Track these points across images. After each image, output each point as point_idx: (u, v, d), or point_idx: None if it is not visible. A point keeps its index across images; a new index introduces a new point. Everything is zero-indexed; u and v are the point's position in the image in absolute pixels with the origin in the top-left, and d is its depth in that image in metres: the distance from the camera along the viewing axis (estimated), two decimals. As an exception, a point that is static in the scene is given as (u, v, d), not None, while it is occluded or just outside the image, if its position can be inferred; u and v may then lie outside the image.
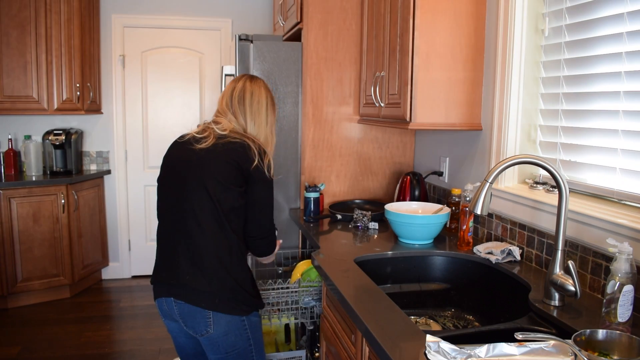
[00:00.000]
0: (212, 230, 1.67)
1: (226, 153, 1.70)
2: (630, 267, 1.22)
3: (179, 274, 1.68)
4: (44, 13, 3.84)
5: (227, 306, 1.67)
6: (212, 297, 1.66)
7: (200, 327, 1.68)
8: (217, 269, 1.67)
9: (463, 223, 1.96)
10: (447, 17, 2.01)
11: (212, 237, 1.67)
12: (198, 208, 1.67)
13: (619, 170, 1.56)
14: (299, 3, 2.71)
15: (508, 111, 1.94)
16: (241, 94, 1.84)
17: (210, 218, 1.67)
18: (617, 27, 1.55)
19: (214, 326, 1.68)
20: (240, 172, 1.70)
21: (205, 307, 1.66)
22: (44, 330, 3.47)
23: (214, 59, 4.56)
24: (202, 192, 1.67)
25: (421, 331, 1.25)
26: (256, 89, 1.87)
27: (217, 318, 1.67)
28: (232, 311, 1.68)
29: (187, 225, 1.68)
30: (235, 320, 1.70)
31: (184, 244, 1.69)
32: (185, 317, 1.69)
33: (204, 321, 1.67)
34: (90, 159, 4.46)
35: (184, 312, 1.68)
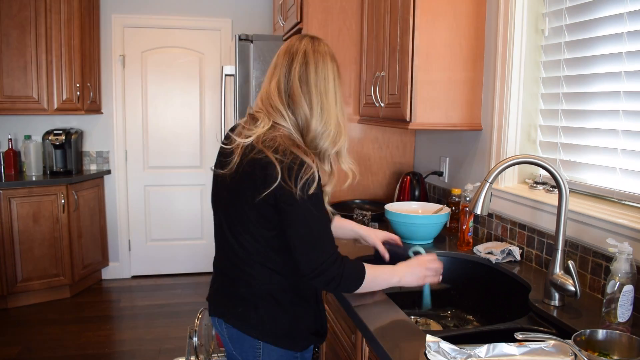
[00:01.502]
0: (256, 269, 1.41)
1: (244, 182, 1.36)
2: (630, 267, 1.22)
3: (231, 304, 1.47)
4: (44, 13, 3.84)
5: (280, 341, 1.43)
6: (265, 330, 1.42)
7: (249, 356, 1.47)
8: (268, 308, 1.42)
9: (463, 223, 1.96)
10: (447, 17, 2.01)
11: (255, 277, 1.41)
12: (239, 248, 1.41)
13: (619, 170, 1.56)
14: (299, 3, 2.71)
15: (508, 111, 1.94)
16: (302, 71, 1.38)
17: (251, 257, 1.40)
18: (617, 27, 1.55)
19: (264, 356, 1.45)
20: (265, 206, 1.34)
21: (254, 336, 1.43)
22: (44, 330, 3.47)
23: (214, 59, 4.56)
24: (237, 231, 1.41)
25: (421, 331, 1.25)
26: (320, 60, 1.40)
27: (267, 349, 1.44)
28: (284, 346, 1.44)
29: (234, 261, 1.44)
30: (287, 354, 1.45)
31: (235, 275, 1.45)
32: (234, 342, 1.49)
33: (253, 351, 1.45)
34: (90, 159, 4.46)
35: (233, 336, 1.48)
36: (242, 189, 1.37)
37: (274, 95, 1.38)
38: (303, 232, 1.32)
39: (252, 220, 1.36)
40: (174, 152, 4.59)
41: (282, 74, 1.39)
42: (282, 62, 1.40)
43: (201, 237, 4.72)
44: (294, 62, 1.39)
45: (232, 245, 1.43)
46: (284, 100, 1.38)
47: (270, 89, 1.40)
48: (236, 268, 1.44)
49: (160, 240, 4.67)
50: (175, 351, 3.14)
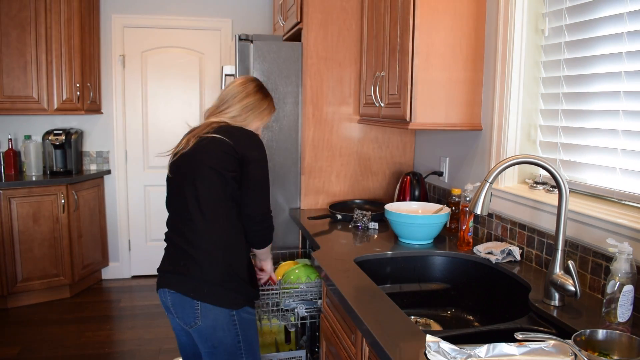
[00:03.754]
0: (212, 216, 1.71)
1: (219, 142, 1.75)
2: (630, 267, 1.22)
3: (176, 262, 1.73)
4: (44, 13, 3.84)
5: (215, 295, 1.67)
6: (201, 285, 1.67)
7: (189, 319, 1.69)
8: (211, 252, 1.69)
9: (463, 223, 1.96)
10: (447, 17, 2.01)
11: (211, 222, 1.71)
12: (200, 195, 1.72)
13: (619, 170, 1.56)
14: (299, 3, 2.71)
15: (508, 111, 1.94)
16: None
17: (210, 204, 1.71)
18: (617, 27, 1.55)
19: (202, 318, 1.67)
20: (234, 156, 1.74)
21: (193, 297, 1.66)
22: (44, 330, 3.47)
23: (214, 59, 4.56)
24: (202, 180, 1.72)
25: (421, 331, 1.25)
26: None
27: (205, 310, 1.67)
28: (220, 302, 1.67)
29: (189, 213, 1.72)
30: (223, 313, 1.69)
31: (185, 231, 1.73)
32: (177, 308, 1.71)
33: (192, 312, 1.67)
34: (90, 159, 4.46)
35: (175, 302, 1.70)
36: (213, 141, 1.83)
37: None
38: (257, 183, 1.79)
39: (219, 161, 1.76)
40: (174, 152, 4.58)
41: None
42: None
43: (201, 237, 4.71)
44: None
45: (200, 187, 1.76)
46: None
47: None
48: (193, 217, 1.75)
49: (160, 240, 4.62)
50: (175, 351, 3.14)
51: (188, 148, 1.78)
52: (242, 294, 1.74)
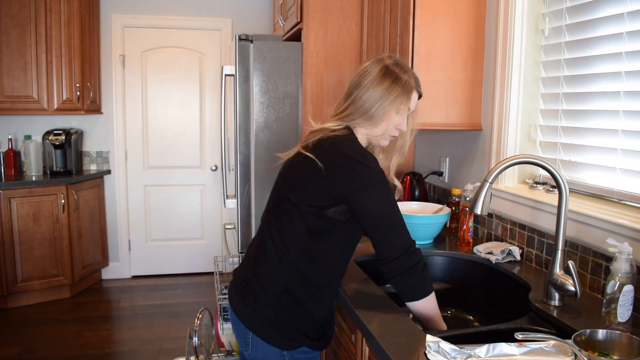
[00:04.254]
0: (282, 252, 1.43)
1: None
2: (630, 267, 1.22)
3: (240, 278, 1.54)
4: (44, 13, 3.84)
5: (266, 333, 1.45)
6: (253, 318, 1.46)
7: (242, 343, 1.52)
8: (267, 289, 1.44)
9: (463, 223, 1.96)
10: (447, 17, 2.01)
11: (278, 258, 1.44)
12: (273, 226, 1.46)
13: (619, 170, 1.56)
14: (299, 3, 2.71)
15: (508, 111, 1.94)
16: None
17: (284, 239, 1.43)
18: (617, 27, 1.55)
19: (252, 348, 1.48)
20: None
21: (246, 326, 1.47)
22: (44, 330, 3.47)
23: (214, 59, 4.56)
24: (280, 209, 1.45)
25: (421, 331, 1.25)
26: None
27: (255, 342, 1.47)
28: (270, 340, 1.45)
29: (264, 238, 1.49)
30: (274, 350, 1.46)
31: (257, 254, 1.51)
32: (235, 326, 1.54)
33: (245, 339, 1.49)
34: (90, 159, 4.46)
35: (233, 320, 1.53)
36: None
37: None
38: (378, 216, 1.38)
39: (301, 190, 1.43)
40: (174, 152, 4.59)
41: None
42: None
43: (201, 237, 4.72)
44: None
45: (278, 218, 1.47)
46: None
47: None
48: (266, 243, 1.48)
49: (160, 240, 4.67)
50: (175, 351, 3.14)
51: (288, 159, 1.49)
52: (296, 341, 1.46)
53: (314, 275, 1.44)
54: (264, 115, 2.72)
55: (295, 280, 1.43)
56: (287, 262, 1.42)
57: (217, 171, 4.67)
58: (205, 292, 4.25)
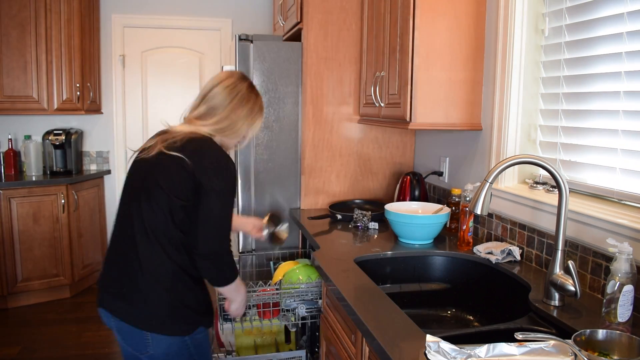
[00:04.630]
0: (156, 241, 1.54)
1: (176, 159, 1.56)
2: (630, 267, 1.22)
3: (118, 284, 1.59)
4: (44, 13, 3.84)
5: (165, 326, 1.55)
6: (149, 318, 1.54)
7: (140, 347, 1.57)
8: (155, 283, 1.53)
9: (463, 223, 1.96)
10: (447, 17, 2.01)
11: (155, 249, 1.54)
12: (145, 217, 1.55)
13: (619, 170, 1.56)
14: (299, 3, 2.71)
15: (508, 111, 1.94)
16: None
17: (156, 229, 1.54)
18: (617, 27, 1.55)
19: (153, 347, 1.56)
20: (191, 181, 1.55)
21: (142, 328, 1.54)
22: (44, 330, 3.47)
23: (214, 59, 4.56)
24: (149, 199, 1.56)
25: (421, 331, 1.25)
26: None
27: (156, 339, 1.55)
28: (170, 332, 1.55)
29: (133, 233, 1.56)
30: (175, 340, 1.57)
31: (128, 251, 1.57)
32: (124, 335, 1.59)
33: (143, 341, 1.56)
34: (90, 159, 4.46)
35: (122, 329, 1.58)
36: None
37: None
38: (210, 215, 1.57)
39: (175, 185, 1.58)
40: (174, 152, 4.58)
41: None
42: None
43: (201, 237, 4.71)
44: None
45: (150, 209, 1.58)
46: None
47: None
48: (138, 241, 1.57)
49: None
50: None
51: (150, 155, 1.58)
52: (192, 323, 1.60)
53: (189, 257, 1.58)
54: (264, 115, 2.72)
55: (178, 266, 1.55)
56: (167, 251, 1.53)
57: (217, 171, 4.66)
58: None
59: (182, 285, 1.57)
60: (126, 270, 1.57)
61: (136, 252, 1.55)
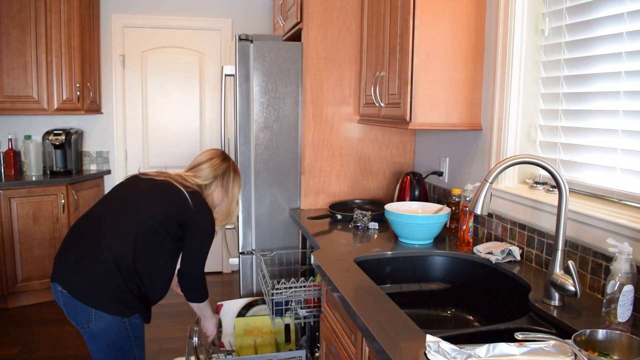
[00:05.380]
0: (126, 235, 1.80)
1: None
2: (630, 267, 1.22)
3: (76, 252, 1.80)
4: (44, 13, 3.84)
5: (109, 306, 1.76)
6: (96, 296, 1.75)
7: (83, 321, 1.78)
8: (111, 268, 1.76)
9: (463, 223, 1.96)
10: (447, 17, 2.01)
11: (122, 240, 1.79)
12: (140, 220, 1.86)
13: (619, 170, 1.56)
14: (299, 3, 2.71)
15: (508, 111, 1.94)
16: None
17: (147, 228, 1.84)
18: (617, 27, 1.55)
19: (95, 322, 1.77)
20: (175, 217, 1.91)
21: (87, 304, 1.75)
22: (44, 330, 3.47)
23: (214, 59, 4.56)
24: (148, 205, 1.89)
25: (421, 331, 1.25)
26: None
27: (99, 315, 1.77)
28: (112, 312, 1.77)
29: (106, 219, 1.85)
30: (116, 320, 1.79)
31: (93, 232, 1.82)
32: (69, 309, 1.79)
33: (87, 317, 1.77)
34: (90, 159, 4.46)
35: (68, 304, 1.78)
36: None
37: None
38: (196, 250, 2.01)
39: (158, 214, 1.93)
40: (174, 152, 4.59)
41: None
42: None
43: (201, 237, 4.71)
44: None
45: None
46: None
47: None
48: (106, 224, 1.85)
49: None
50: (175, 351, 3.14)
51: (159, 179, 1.95)
52: (132, 307, 1.82)
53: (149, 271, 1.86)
54: (264, 115, 2.72)
55: (136, 265, 1.81)
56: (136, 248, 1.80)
57: (217, 171, 4.66)
58: (205, 292, 4.24)
59: (135, 279, 1.81)
60: (90, 246, 1.79)
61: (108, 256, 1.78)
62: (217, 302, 2.60)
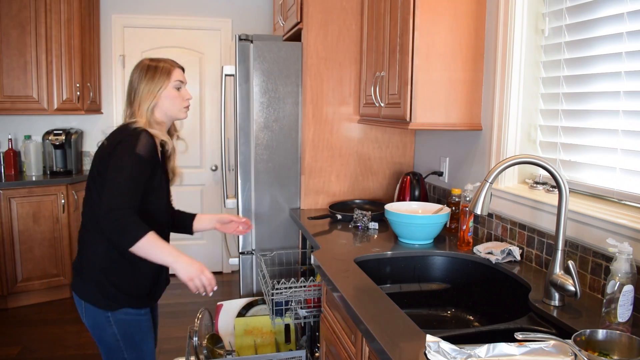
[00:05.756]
0: (96, 225, 1.70)
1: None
2: (630, 267, 1.22)
3: (77, 260, 1.82)
4: (44, 13, 3.84)
5: (92, 296, 1.72)
6: (83, 285, 1.75)
7: (81, 315, 1.79)
8: (93, 264, 1.73)
9: (463, 223, 1.96)
10: (447, 17, 2.01)
11: (94, 234, 1.74)
12: (86, 200, 1.79)
13: (619, 170, 1.56)
14: (299, 3, 2.71)
15: (508, 111, 1.94)
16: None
17: (88, 209, 1.77)
18: (617, 27, 1.55)
19: (85, 316, 1.76)
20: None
21: (79, 296, 1.75)
22: (44, 330, 3.47)
23: (214, 59, 4.56)
24: (88, 185, 1.79)
25: (421, 331, 1.25)
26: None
27: (87, 309, 1.74)
28: (96, 303, 1.72)
29: (83, 219, 1.80)
30: (99, 314, 1.72)
31: (81, 235, 1.82)
32: (75, 305, 1.80)
33: (81, 310, 1.77)
34: (90, 159, 4.46)
35: (75, 301, 1.81)
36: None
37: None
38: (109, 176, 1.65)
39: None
40: (174, 152, 4.58)
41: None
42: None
43: (201, 237, 4.71)
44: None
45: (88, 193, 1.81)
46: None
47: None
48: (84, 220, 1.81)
49: (160, 240, 4.66)
50: (175, 351, 3.14)
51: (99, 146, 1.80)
52: (115, 301, 1.72)
53: None
54: (264, 115, 2.72)
55: (114, 249, 1.70)
56: (99, 230, 1.64)
57: (217, 171, 4.67)
58: (205, 292, 4.24)
59: (118, 266, 1.72)
60: (79, 250, 1.81)
61: (82, 234, 1.79)
62: (217, 302, 2.60)
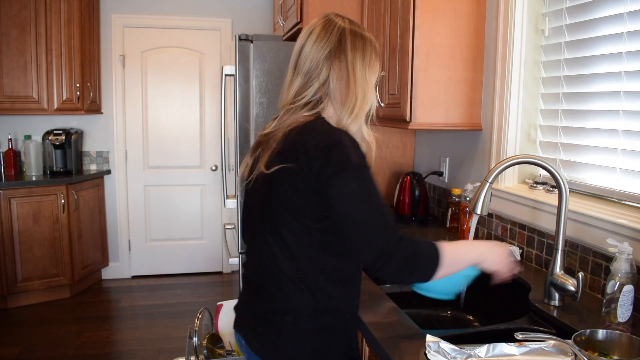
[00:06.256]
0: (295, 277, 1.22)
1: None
2: (630, 267, 1.22)
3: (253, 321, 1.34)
4: (44, 13, 3.84)
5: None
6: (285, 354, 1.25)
7: None
8: (298, 326, 1.23)
9: (463, 223, 1.96)
10: (447, 17, 2.01)
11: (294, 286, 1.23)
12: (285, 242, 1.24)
13: (619, 170, 1.56)
14: (299, 3, 2.71)
15: (508, 111, 1.94)
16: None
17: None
18: (617, 27, 1.55)
19: None
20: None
21: None
22: (44, 330, 3.47)
23: (214, 59, 4.56)
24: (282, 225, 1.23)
25: (421, 331, 1.25)
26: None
27: None
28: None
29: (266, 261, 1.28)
30: None
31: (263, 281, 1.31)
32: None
33: None
34: (90, 159, 4.46)
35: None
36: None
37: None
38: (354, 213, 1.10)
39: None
40: (174, 152, 4.59)
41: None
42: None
43: (201, 237, 4.71)
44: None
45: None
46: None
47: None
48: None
49: (160, 240, 4.67)
50: (175, 351, 3.14)
51: (254, 180, 1.26)
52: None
53: (336, 289, 1.22)
54: (264, 115, 2.72)
55: (322, 301, 1.20)
56: (306, 285, 1.18)
57: (217, 171, 4.67)
58: (205, 292, 4.25)
59: (328, 326, 1.22)
60: (262, 306, 1.27)
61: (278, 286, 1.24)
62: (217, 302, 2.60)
